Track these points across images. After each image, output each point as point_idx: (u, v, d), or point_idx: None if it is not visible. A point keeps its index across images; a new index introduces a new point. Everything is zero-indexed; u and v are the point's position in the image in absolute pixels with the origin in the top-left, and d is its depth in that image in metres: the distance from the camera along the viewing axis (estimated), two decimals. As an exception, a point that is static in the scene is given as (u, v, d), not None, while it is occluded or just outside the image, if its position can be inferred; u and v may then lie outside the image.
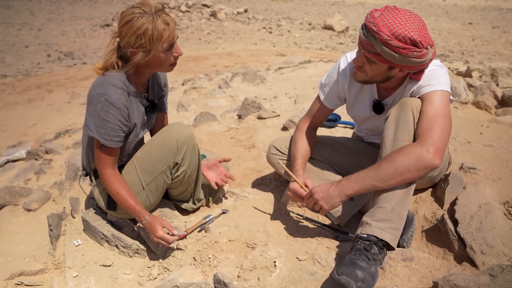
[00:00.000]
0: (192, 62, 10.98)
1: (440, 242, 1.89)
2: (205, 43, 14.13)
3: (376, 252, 1.56)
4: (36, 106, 6.87)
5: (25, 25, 17.84)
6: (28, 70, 10.01)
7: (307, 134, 2.16)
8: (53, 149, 3.82)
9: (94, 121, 1.83)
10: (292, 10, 23.97)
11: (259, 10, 23.21)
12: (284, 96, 4.51)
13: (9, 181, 3.52)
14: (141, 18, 1.72)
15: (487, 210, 1.88)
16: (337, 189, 1.71)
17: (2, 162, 3.92)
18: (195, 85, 5.90)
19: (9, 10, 22.65)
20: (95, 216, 2.25)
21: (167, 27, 1.76)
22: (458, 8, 26.26)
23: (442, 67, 1.80)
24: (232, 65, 10.27)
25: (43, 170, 3.42)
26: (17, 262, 2.18)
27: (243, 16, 19.82)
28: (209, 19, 18.76)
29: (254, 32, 16.39)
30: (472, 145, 2.68)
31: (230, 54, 12.07)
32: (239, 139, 3.40)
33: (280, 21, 18.78)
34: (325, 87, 2.12)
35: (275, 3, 27.39)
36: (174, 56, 1.88)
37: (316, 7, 25.97)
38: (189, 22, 17.90)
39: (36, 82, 8.66)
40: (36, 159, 3.82)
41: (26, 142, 4.62)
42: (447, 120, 1.68)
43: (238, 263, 1.88)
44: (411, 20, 1.62)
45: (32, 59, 11.48)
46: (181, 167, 2.03)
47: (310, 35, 16.08)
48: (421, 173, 1.62)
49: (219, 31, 16.60)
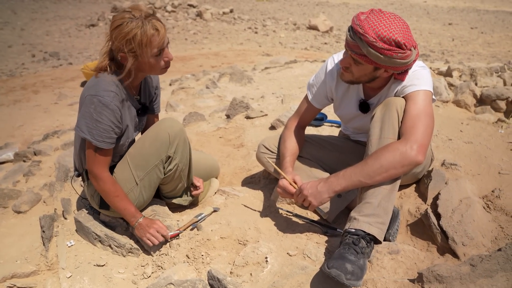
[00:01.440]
0: (179, 62, 10.95)
1: (424, 235, 1.97)
2: (191, 43, 14.10)
3: (364, 246, 1.62)
4: (22, 107, 6.79)
5: (7, 24, 17.55)
6: (12, 71, 9.88)
7: (296, 133, 2.21)
8: (42, 150, 3.81)
9: (87, 122, 1.85)
10: (277, 10, 24.04)
11: (244, 10, 23.23)
12: (271, 96, 4.56)
13: (-3, 183, 3.50)
14: (130, 23, 1.75)
15: (468, 204, 1.96)
16: (326, 185, 1.77)
17: (-10, 164, 3.89)
18: (182, 85, 5.91)
19: (-11, 9, 22.29)
20: (88, 216, 2.26)
21: (157, 32, 1.79)
22: (438, 9, 26.64)
23: (425, 68, 1.87)
24: (219, 65, 10.28)
25: (32, 171, 3.41)
26: (9, 264, 2.16)
27: (228, 16, 19.81)
28: (195, 19, 18.71)
29: (240, 32, 16.41)
30: (453, 142, 2.76)
31: (216, 54, 12.06)
32: (228, 138, 3.44)
33: (265, 21, 18.82)
34: (313, 87, 2.17)
35: (260, 3, 27.43)
36: (164, 61, 1.91)
37: (301, 7, 26.09)
38: (175, 22, 17.83)
39: (21, 83, 8.55)
40: (24, 160, 3.80)
41: (13, 144, 4.58)
42: (429, 119, 1.74)
43: (231, 260, 1.92)
44: (396, 22, 1.68)
45: (16, 59, 11.32)
46: (174, 160, 2.06)
47: (295, 35, 16.17)
48: (406, 169, 1.68)
49: (205, 31, 16.57)
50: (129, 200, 2.03)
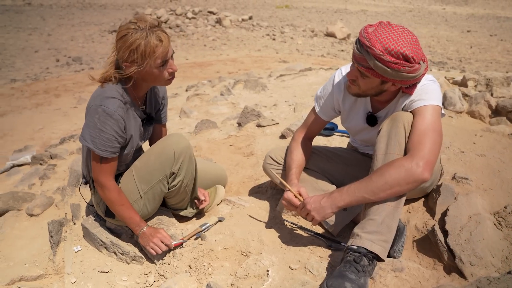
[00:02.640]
0: (196, 68, 11.01)
1: (431, 253, 1.89)
2: (210, 49, 14.16)
3: (366, 264, 1.56)
4: (43, 111, 6.90)
5: (35, 30, 17.94)
6: (37, 75, 10.06)
7: (303, 145, 2.16)
8: (58, 154, 3.83)
9: (90, 131, 1.84)
10: (296, 17, 24.02)
11: (263, 17, 23.27)
12: (284, 104, 4.51)
13: (14, 186, 3.52)
14: (135, 33, 1.73)
15: (477, 221, 1.87)
16: (329, 200, 1.71)
17: (8, 167, 3.93)
18: (198, 92, 5.90)
19: (20, 15, 22.81)
20: (94, 223, 2.25)
21: (160, 43, 1.77)
22: (457, 16, 26.23)
23: (434, 82, 1.80)
24: (236, 71, 10.28)
25: (47, 175, 3.43)
26: (18, 267, 2.18)
27: (247, 23, 19.86)
28: (214, 25, 18.80)
29: (258, 39, 16.42)
30: (465, 154, 2.67)
31: (234, 61, 12.08)
32: (238, 146, 3.40)
33: (283, 28, 18.81)
34: (320, 99, 2.12)
35: (279, 10, 27.46)
36: (168, 72, 1.89)
37: (319, 14, 26.01)
38: (195, 29, 17.95)
39: (44, 86, 8.70)
40: (40, 164, 3.83)
41: (32, 147, 4.63)
42: (437, 135, 1.67)
43: (233, 271, 1.88)
44: (404, 36, 1.62)
45: (41, 63, 11.53)
46: (178, 176, 2.04)
47: (312, 42, 16.10)
48: (411, 187, 1.62)
49: (224, 37, 16.64)
50: (134, 209, 2.01)
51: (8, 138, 5.52)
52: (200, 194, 2.25)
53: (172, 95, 6.58)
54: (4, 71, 10.54)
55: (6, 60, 11.79)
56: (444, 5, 34.15)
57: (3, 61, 11.65)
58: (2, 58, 12.04)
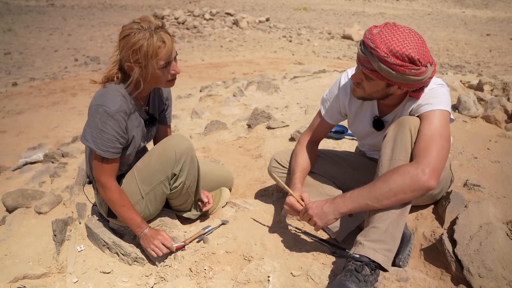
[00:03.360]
0: (212, 68, 11.01)
1: (438, 262, 1.81)
2: (226, 50, 14.15)
3: (368, 274, 1.49)
4: (59, 109, 6.96)
5: (56, 30, 18.21)
6: (56, 74, 10.19)
7: (308, 148, 2.11)
8: (69, 152, 3.85)
9: (92, 131, 1.82)
10: (313, 19, 23.87)
11: (281, 19, 23.19)
12: (296, 106, 4.45)
13: (25, 183, 3.55)
14: (138, 34, 1.70)
15: (488, 230, 1.78)
16: (332, 206, 1.66)
17: (21, 164, 3.97)
18: (211, 93, 5.88)
19: (43, 15, 23.19)
20: (98, 223, 2.23)
21: (163, 44, 1.73)
22: (476, 19, 25.72)
23: (443, 86, 1.73)
24: (251, 73, 10.25)
25: (58, 173, 3.44)
26: (22, 265, 2.17)
27: (264, 24, 19.82)
28: (231, 27, 18.83)
29: (275, 41, 16.36)
30: (478, 160, 2.58)
31: (249, 62, 12.05)
32: (247, 148, 3.36)
33: (300, 30, 18.71)
34: (326, 102, 2.07)
35: (297, 13, 27.34)
36: (171, 74, 1.85)
37: (337, 16, 25.80)
38: (212, 30, 17.99)
39: (61, 85, 8.80)
40: (52, 162, 3.85)
41: (46, 145, 4.67)
42: (445, 141, 1.60)
43: (234, 276, 1.84)
44: (410, 37, 1.55)
45: (60, 63, 11.68)
46: (179, 178, 2.00)
47: (329, 44, 15.97)
48: (416, 194, 1.55)
49: (240, 39, 16.63)
50: (135, 210, 1.98)
51: (23, 135, 5.58)
52: (203, 196, 2.21)
53: (185, 95, 6.58)
54: (24, 69, 10.71)
55: (27, 59, 11.98)
56: (464, 8, 33.56)
57: (24, 60, 11.85)
58: (23, 57, 12.25)
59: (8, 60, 11.75)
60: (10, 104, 7.51)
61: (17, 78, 9.72)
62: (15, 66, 11.03)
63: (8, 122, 6.35)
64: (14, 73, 10.31)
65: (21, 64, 11.37)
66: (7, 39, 15.30)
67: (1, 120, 6.53)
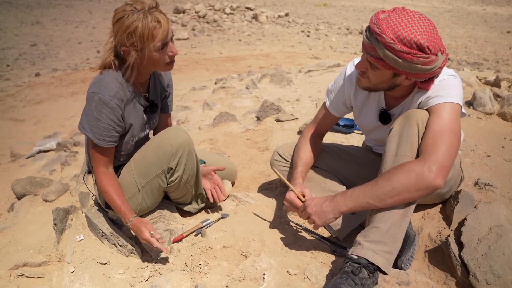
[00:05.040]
0: (229, 62, 10.88)
1: (443, 265, 1.67)
2: (244, 44, 13.99)
3: (365, 277, 1.37)
4: (77, 99, 6.95)
5: (82, 23, 18.30)
6: (77, 65, 10.21)
7: (311, 142, 1.97)
8: (81, 141, 3.80)
9: (88, 119, 1.73)
10: (333, 15, 23.44)
11: (300, 14, 22.84)
12: (307, 99, 4.30)
13: (37, 171, 3.52)
14: (131, 15, 1.60)
15: (498, 233, 1.63)
16: (331, 205, 1.53)
17: (34, 152, 3.94)
18: (225, 85, 5.77)
19: (70, 9, 23.37)
20: (97, 213, 2.15)
21: (159, 25, 1.62)
22: (497, 16, 24.86)
23: (455, 77, 1.56)
24: (267, 66, 10.08)
25: (68, 162, 3.39)
26: (24, 252, 2.12)
27: (283, 19, 19.54)
28: (250, 21, 18.60)
29: (293, 35, 16.11)
30: (491, 159, 2.41)
31: (267, 56, 11.87)
32: (255, 140, 3.24)
33: (319, 25, 18.38)
34: (331, 93, 1.93)
35: (317, 8, 26.90)
36: (169, 55, 1.74)
37: (356, 13, 25.29)
38: (231, 24, 17.81)
39: (82, 76, 8.81)
40: (64, 150, 3.81)
41: (61, 134, 4.64)
42: (454, 137, 1.45)
43: (229, 271, 1.74)
44: (420, 23, 1.40)
45: (83, 54, 11.71)
46: (176, 172, 1.89)
47: (346, 39, 15.64)
48: (421, 194, 1.40)
49: (259, 33, 16.41)
50: (121, 198, 1.84)
51: (41, 124, 5.58)
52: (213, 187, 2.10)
53: (200, 87, 6.48)
54: (48, 60, 10.77)
55: (51, 51, 12.06)
56: (485, 5, 32.51)
57: (49, 52, 11.93)
58: (48, 49, 12.33)
59: (34, 51, 11.84)
60: (31, 93, 7.55)
61: (40, 68, 9.78)
62: (39, 57, 11.11)
63: (27, 111, 6.38)
64: (38, 64, 10.38)
65: (45, 55, 11.45)
66: (34, 31, 15.43)
67: (21, 109, 6.56)
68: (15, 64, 10.12)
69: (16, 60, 10.54)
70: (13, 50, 11.71)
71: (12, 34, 14.26)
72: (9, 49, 11.88)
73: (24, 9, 21.36)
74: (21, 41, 13.14)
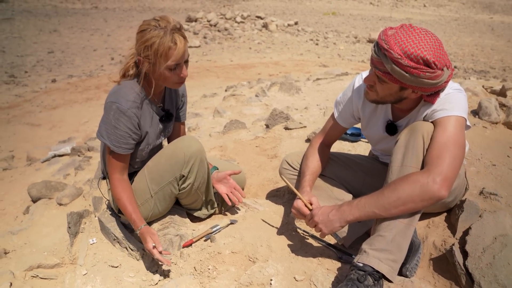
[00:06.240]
0: (239, 69, 10.95)
1: (448, 274, 1.66)
2: (254, 52, 14.07)
3: (370, 284, 1.37)
4: (91, 105, 7.05)
5: (97, 30, 18.55)
6: (92, 72, 10.35)
7: (320, 151, 1.99)
8: (94, 147, 3.85)
9: (106, 127, 1.78)
10: (341, 23, 23.48)
11: (310, 23, 22.90)
12: (315, 107, 4.31)
13: (52, 175, 3.57)
14: (153, 31, 1.65)
15: (504, 243, 1.62)
16: (338, 214, 1.54)
17: (50, 156, 4.00)
18: (235, 92, 5.80)
19: (86, 17, 23.69)
20: (110, 217, 2.18)
21: (174, 46, 1.67)
22: (504, 25, 24.68)
23: (460, 91, 1.58)
24: (276, 74, 10.12)
25: (82, 166, 3.44)
26: (38, 254, 2.16)
27: (293, 28, 19.63)
28: (260, 30, 18.71)
29: (302, 44, 16.17)
30: (497, 168, 2.39)
31: (276, 63, 11.93)
32: (264, 148, 3.26)
33: (327, 34, 18.42)
34: (340, 104, 1.94)
35: (326, 17, 26.96)
36: (178, 76, 1.78)
37: (364, 21, 25.30)
38: (242, 32, 17.93)
39: (96, 82, 8.92)
40: (78, 155, 3.86)
41: (75, 139, 4.71)
42: (459, 149, 1.45)
43: (237, 277, 1.75)
44: (426, 39, 1.42)
45: (98, 61, 11.87)
46: (188, 179, 1.93)
47: (354, 47, 15.65)
48: (426, 204, 1.41)
49: (269, 41, 16.51)
50: (133, 207, 1.87)
51: (56, 129, 5.66)
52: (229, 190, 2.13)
53: (211, 94, 6.53)
54: (64, 67, 10.93)
55: (68, 58, 12.24)
56: (492, 14, 32.31)
57: (65, 58, 12.10)
58: (64, 56, 12.51)
59: (51, 58, 12.02)
60: (47, 99, 7.66)
61: (56, 75, 9.93)
62: (56, 64, 11.27)
63: (43, 116, 6.47)
64: (55, 70, 10.54)
65: (62, 62, 11.61)
66: (52, 39, 15.67)
67: (38, 114, 6.66)
68: (32, 71, 10.28)
69: (33, 67, 10.70)
70: (31, 57, 11.89)
71: (30, 42, 14.49)
72: (28, 56, 12.07)
73: (42, 17, 21.70)
74: (39, 48, 13.35)
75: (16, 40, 14.77)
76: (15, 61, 11.24)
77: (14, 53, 12.24)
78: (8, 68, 10.39)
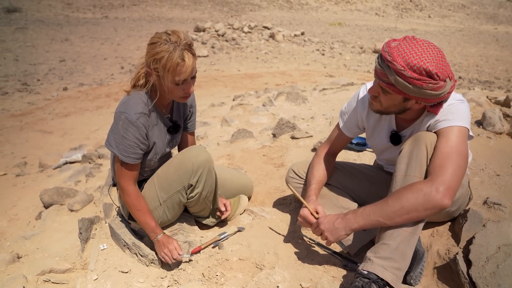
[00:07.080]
0: (247, 79, 11.01)
1: (452, 283, 1.67)
2: (261, 62, 14.13)
3: (375, 291, 1.38)
4: (102, 113, 7.12)
5: (107, 40, 18.73)
6: (102, 80, 10.45)
7: (325, 160, 2.01)
8: (105, 154, 3.89)
9: (115, 137, 1.81)
10: (347, 34, 23.55)
11: (316, 33, 23.00)
12: (321, 117, 4.34)
13: (63, 181, 3.61)
14: (163, 44, 1.68)
15: (507, 252, 1.63)
16: (343, 222, 1.56)
17: (61, 163, 4.05)
18: (242, 102, 5.85)
19: (97, 26, 23.94)
20: (120, 223, 2.22)
21: (182, 62, 1.69)
22: (509, 36, 24.61)
23: (463, 102, 1.60)
24: (283, 84, 10.17)
25: (92, 173, 3.48)
26: (50, 259, 2.19)
27: (299, 38, 19.72)
28: (267, 40, 18.81)
29: (308, 54, 16.22)
30: (501, 178, 2.40)
31: (283, 73, 11.97)
32: (271, 157, 3.28)
33: (333, 44, 18.48)
34: (345, 115, 1.97)
35: (332, 27, 27.05)
36: (184, 91, 1.81)
37: (370, 32, 25.35)
38: (249, 42, 18.03)
39: (106, 91, 9.01)
40: (89, 162, 3.91)
41: (86, 146, 4.76)
42: (462, 159, 1.47)
43: (245, 283, 1.77)
44: (429, 51, 1.45)
45: (108, 70, 11.98)
46: (196, 188, 1.96)
47: (360, 58, 15.68)
48: (429, 213, 1.43)
49: (275, 51, 16.58)
50: (151, 216, 1.94)
51: (67, 136, 5.73)
52: (220, 205, 2.15)
53: (219, 103, 6.58)
54: (75, 76, 11.05)
55: (79, 66, 12.37)
56: (497, 24, 32.26)
57: (76, 67, 12.24)
58: (75, 64, 12.65)
59: (62, 67, 12.17)
60: (59, 107, 7.76)
61: (68, 83, 10.04)
62: (67, 72, 11.41)
63: (55, 124, 6.56)
64: (66, 78, 10.66)
65: (73, 70, 11.75)
66: (63, 48, 15.85)
67: (50, 121, 6.75)
68: (44, 79, 10.42)
69: (45, 75, 10.84)
70: (43, 66, 12.05)
71: (43, 51, 14.68)
72: (40, 64, 12.24)
73: (54, 27, 21.98)
74: (51, 57, 13.52)
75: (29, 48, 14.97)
76: (28, 69, 11.41)
77: (27, 62, 12.42)
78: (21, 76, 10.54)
